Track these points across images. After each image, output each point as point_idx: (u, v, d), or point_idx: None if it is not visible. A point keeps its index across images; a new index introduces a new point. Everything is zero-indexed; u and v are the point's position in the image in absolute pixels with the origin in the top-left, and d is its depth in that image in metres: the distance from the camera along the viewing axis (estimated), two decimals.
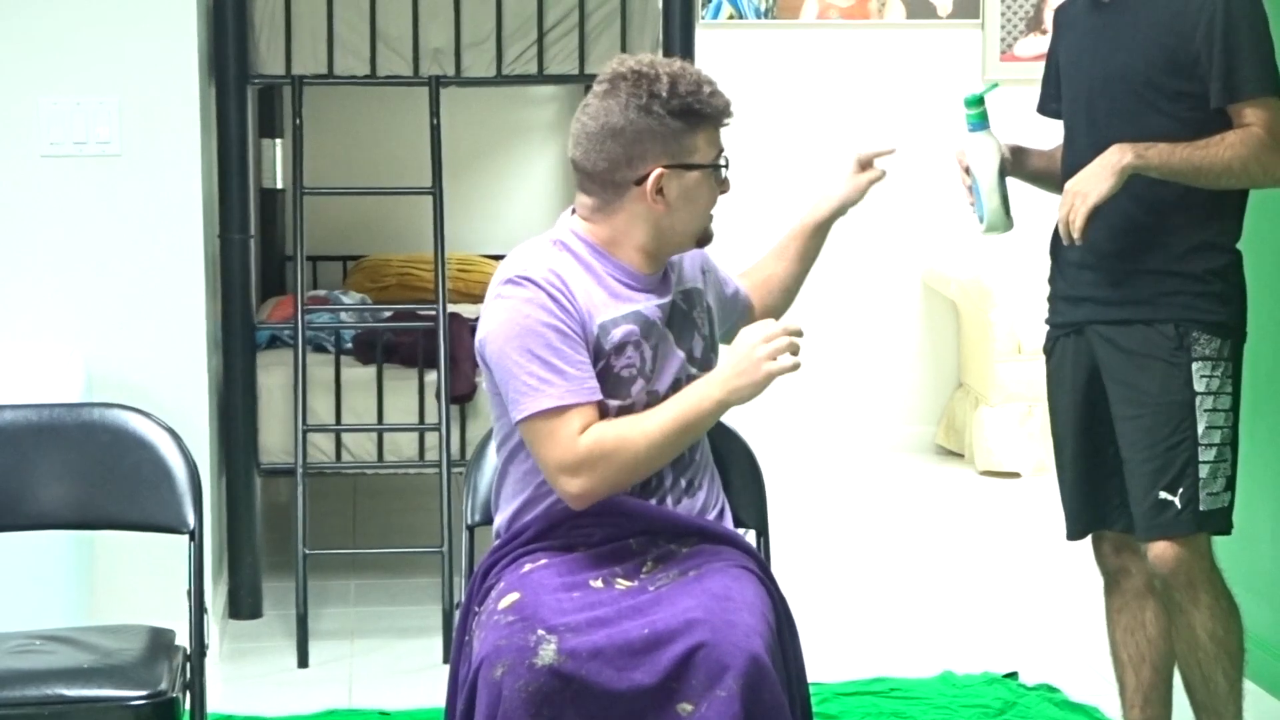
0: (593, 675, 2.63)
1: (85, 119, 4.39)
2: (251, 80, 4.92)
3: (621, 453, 2.81)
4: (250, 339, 4.94)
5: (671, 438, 2.84)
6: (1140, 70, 3.30)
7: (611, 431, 2.81)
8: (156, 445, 3.31)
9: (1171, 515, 3.33)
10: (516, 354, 2.82)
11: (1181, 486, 3.32)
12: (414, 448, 5.05)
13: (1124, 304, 3.36)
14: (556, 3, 4.94)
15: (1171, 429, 3.32)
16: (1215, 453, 3.34)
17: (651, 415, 2.85)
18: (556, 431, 2.80)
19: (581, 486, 2.82)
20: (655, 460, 2.86)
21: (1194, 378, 3.32)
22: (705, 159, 2.89)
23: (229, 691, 4.33)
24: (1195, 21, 3.25)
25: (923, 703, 4.27)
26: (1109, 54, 3.35)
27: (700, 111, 2.87)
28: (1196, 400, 3.32)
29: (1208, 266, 3.34)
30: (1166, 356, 3.32)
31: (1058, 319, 3.51)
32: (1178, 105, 3.28)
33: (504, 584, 2.83)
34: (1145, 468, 3.35)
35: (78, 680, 2.97)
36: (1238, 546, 4.63)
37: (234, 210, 4.84)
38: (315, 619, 4.82)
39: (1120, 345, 3.36)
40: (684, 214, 2.90)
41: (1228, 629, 3.41)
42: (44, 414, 3.35)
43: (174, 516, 3.28)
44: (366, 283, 6.69)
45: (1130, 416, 3.36)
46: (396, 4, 4.92)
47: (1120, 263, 3.35)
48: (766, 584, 2.88)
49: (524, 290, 2.85)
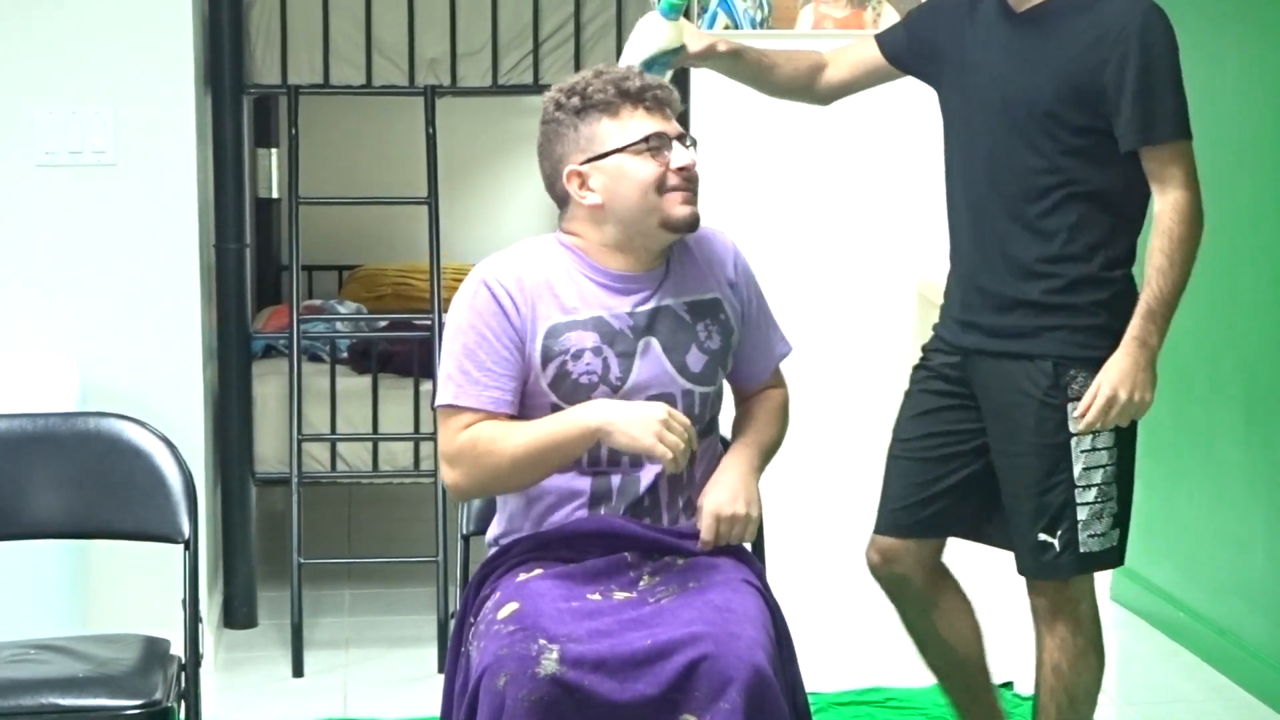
0: (596, 686, 2.62)
1: (81, 128, 4.38)
2: (247, 90, 4.92)
3: (491, 456, 2.86)
4: (246, 348, 4.93)
5: (536, 453, 2.84)
6: (1046, 98, 3.15)
7: (487, 433, 2.86)
8: (152, 454, 3.31)
9: (1051, 557, 3.25)
10: (447, 345, 2.92)
11: (1060, 529, 3.23)
12: (409, 457, 5.05)
13: (1006, 336, 3.24)
14: (552, 13, 4.93)
15: (1047, 471, 3.22)
16: (1096, 493, 3.23)
17: (529, 426, 2.86)
18: (447, 423, 2.90)
19: (454, 479, 2.90)
20: (524, 470, 2.86)
21: (1069, 419, 3.20)
22: (619, 143, 2.89)
23: (224, 701, 4.32)
24: (1107, 57, 3.11)
25: (918, 713, 4.26)
26: (1013, 73, 3.20)
27: (591, 101, 2.90)
28: (1072, 442, 3.21)
29: (1093, 299, 3.20)
30: (1041, 397, 3.21)
31: (944, 333, 3.40)
32: (1078, 139, 3.17)
33: (500, 594, 2.82)
34: (1024, 507, 3.27)
35: (72, 690, 2.96)
36: (1232, 556, 4.64)
37: (229, 220, 4.83)
38: (310, 628, 4.81)
39: (999, 380, 3.26)
40: (620, 199, 2.90)
41: (1073, 667, 3.31)
42: (39, 423, 3.35)
43: (169, 526, 3.28)
44: (362, 292, 6.67)
45: (1008, 453, 3.28)
46: (392, 14, 4.92)
47: (1007, 291, 3.24)
48: (765, 596, 2.87)
49: (471, 289, 2.93)
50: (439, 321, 4.86)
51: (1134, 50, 3.11)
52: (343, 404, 5.02)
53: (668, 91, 2.95)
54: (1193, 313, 4.87)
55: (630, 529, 2.89)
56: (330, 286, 7.03)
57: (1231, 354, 4.64)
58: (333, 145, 6.83)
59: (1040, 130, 3.18)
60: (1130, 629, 5.05)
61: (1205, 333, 4.80)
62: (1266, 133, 4.44)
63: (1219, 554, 4.73)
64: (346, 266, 7.07)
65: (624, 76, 2.93)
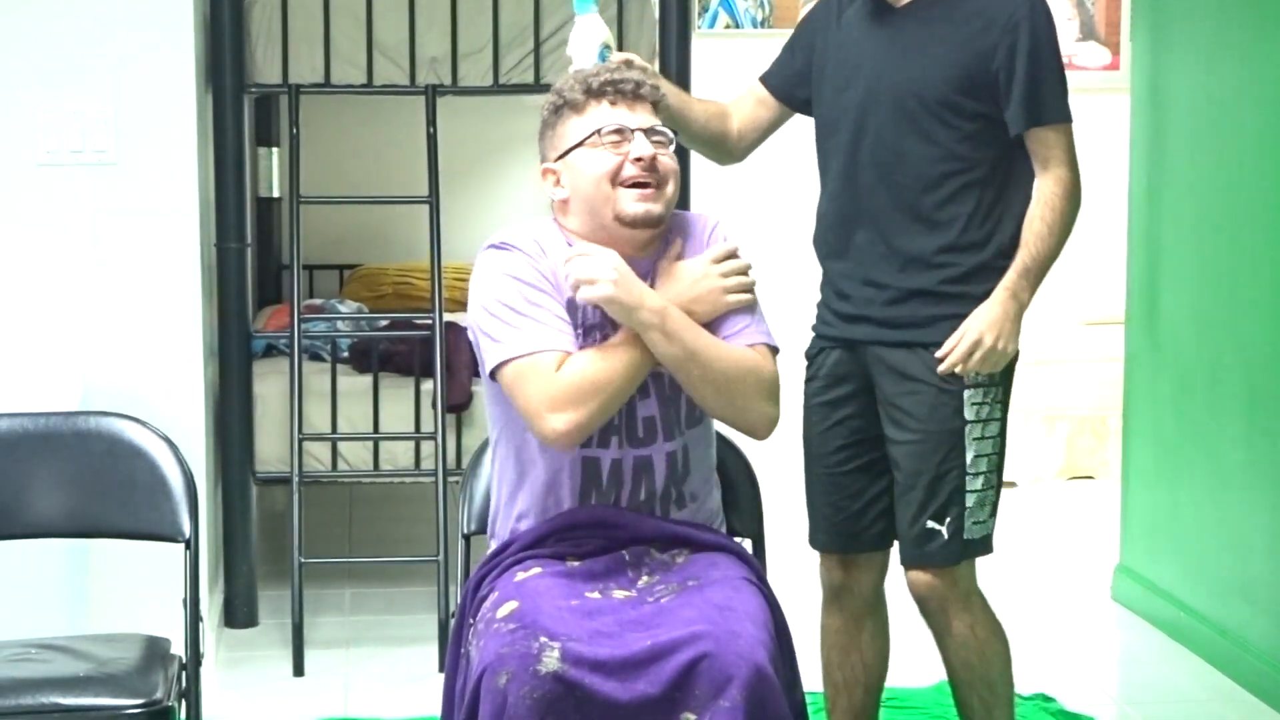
0: (597, 686, 2.62)
1: (82, 128, 4.38)
2: (248, 89, 4.92)
3: (601, 387, 2.81)
4: (246, 347, 4.93)
5: (637, 366, 2.84)
6: (936, 85, 3.21)
7: (587, 366, 2.82)
8: (152, 454, 3.31)
9: (937, 545, 3.26)
10: (492, 307, 2.87)
11: (949, 516, 3.25)
12: (410, 457, 5.05)
13: (900, 326, 3.26)
14: (553, 13, 4.93)
15: (941, 457, 3.24)
16: (983, 480, 3.27)
17: (617, 346, 2.85)
18: (531, 373, 2.81)
19: (572, 422, 2.80)
20: (629, 389, 2.85)
21: (965, 405, 3.23)
22: (578, 137, 2.93)
23: (224, 700, 4.32)
24: (997, 43, 3.18)
25: (918, 712, 4.26)
26: (900, 66, 3.24)
27: (564, 99, 2.96)
28: (966, 429, 3.24)
29: (986, 287, 3.22)
30: (938, 384, 3.23)
31: (829, 331, 3.40)
32: (973, 125, 3.22)
33: (499, 593, 2.82)
34: (913, 495, 3.28)
35: (74, 689, 2.96)
36: (1233, 556, 4.64)
37: (230, 219, 4.83)
38: (311, 628, 4.81)
39: (894, 368, 3.27)
40: (579, 192, 2.93)
41: (983, 658, 3.33)
42: (40, 422, 3.35)
43: (170, 525, 3.28)
44: (363, 291, 6.68)
45: (900, 441, 3.29)
46: (393, 13, 4.92)
47: (900, 282, 3.27)
48: (765, 593, 2.88)
49: (502, 252, 2.92)
50: (440, 320, 4.86)
51: (1023, 37, 3.19)
52: (343, 403, 5.02)
53: (638, 85, 2.95)
54: (1194, 313, 4.90)
55: (624, 518, 2.90)
56: (331, 286, 7.04)
57: (1233, 354, 4.64)
58: (334, 144, 6.84)
59: (933, 118, 3.22)
60: (1132, 629, 5.06)
61: (1207, 333, 4.81)
62: (1267, 134, 4.44)
63: (1220, 554, 4.73)
64: (347, 266, 7.08)
65: (594, 73, 2.97)
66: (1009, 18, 3.20)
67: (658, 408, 2.93)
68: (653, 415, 2.92)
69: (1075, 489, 6.94)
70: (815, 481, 3.44)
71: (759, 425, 2.96)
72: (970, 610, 3.33)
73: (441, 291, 4.92)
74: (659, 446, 2.93)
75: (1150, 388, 5.18)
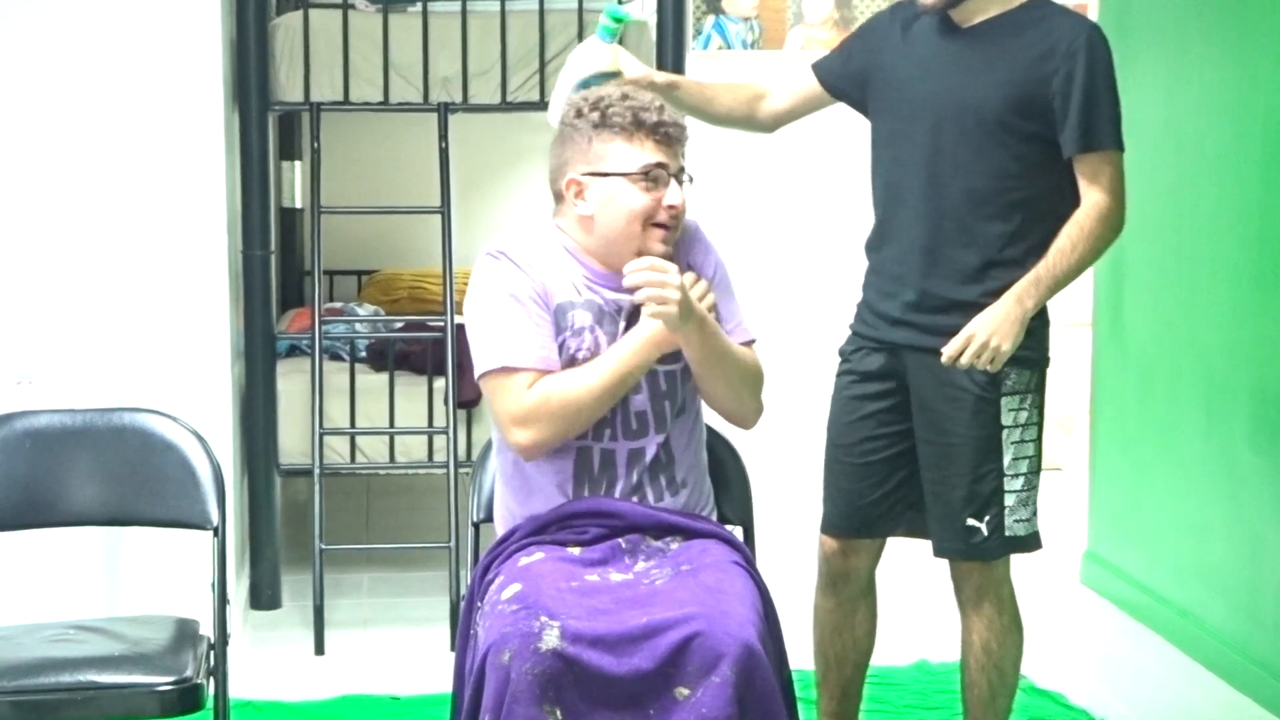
0: (594, 660, 2.63)
1: (118, 143, 4.39)
2: (272, 107, 4.93)
3: (566, 407, 2.85)
4: (271, 348, 4.95)
5: (609, 389, 2.87)
6: (996, 107, 3.15)
7: (555, 387, 2.85)
8: (183, 448, 3.32)
9: (979, 541, 3.27)
10: (477, 317, 2.91)
11: (988, 515, 3.26)
12: (423, 450, 5.06)
13: (941, 334, 3.20)
14: (557, 35, 4.95)
15: (979, 461, 3.24)
16: (1023, 481, 3.28)
17: (591, 370, 2.87)
18: (504, 386, 2.87)
19: (531, 438, 2.86)
20: (598, 410, 2.87)
21: (1003, 412, 3.23)
22: (619, 167, 2.90)
23: (250, 678, 4.33)
24: (1056, 68, 3.13)
25: (899, 689, 4.27)
26: (962, 83, 3.19)
27: (608, 120, 2.90)
28: (1004, 434, 3.24)
29: None
30: (979, 392, 3.21)
31: (869, 331, 3.36)
32: (1027, 146, 3.17)
33: (503, 577, 2.83)
34: (952, 495, 3.26)
35: (109, 667, 2.98)
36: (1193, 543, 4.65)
37: (255, 228, 4.84)
38: (331, 610, 4.82)
39: (934, 374, 3.23)
40: (608, 218, 2.91)
41: (1001, 644, 3.35)
42: (79, 418, 3.36)
43: (199, 514, 3.29)
44: (379, 295, 6.69)
45: (937, 443, 3.27)
46: (408, 36, 4.93)
47: (944, 292, 3.23)
48: (753, 576, 2.89)
49: (494, 262, 2.94)
50: (452, 323, 4.87)
51: (1080, 64, 3.13)
52: (361, 400, 5.04)
53: (680, 130, 2.94)
54: (1156, 317, 4.91)
55: (622, 508, 2.92)
56: (350, 290, 7.05)
57: (1191, 353, 4.65)
58: (352, 158, 6.85)
59: (989, 137, 3.18)
60: (1099, 611, 5.06)
61: (1167, 336, 4.82)
62: (1223, 154, 4.45)
63: (1181, 540, 4.74)
64: (365, 271, 7.09)
65: (644, 106, 2.92)
66: (1070, 44, 3.14)
67: (649, 403, 2.95)
68: (644, 410, 2.95)
69: (1046, 480, 6.90)
70: (836, 467, 3.43)
71: (751, 416, 3.06)
72: (1000, 599, 3.34)
73: (453, 295, 4.93)
74: (651, 438, 2.95)
75: (1116, 386, 5.19)
